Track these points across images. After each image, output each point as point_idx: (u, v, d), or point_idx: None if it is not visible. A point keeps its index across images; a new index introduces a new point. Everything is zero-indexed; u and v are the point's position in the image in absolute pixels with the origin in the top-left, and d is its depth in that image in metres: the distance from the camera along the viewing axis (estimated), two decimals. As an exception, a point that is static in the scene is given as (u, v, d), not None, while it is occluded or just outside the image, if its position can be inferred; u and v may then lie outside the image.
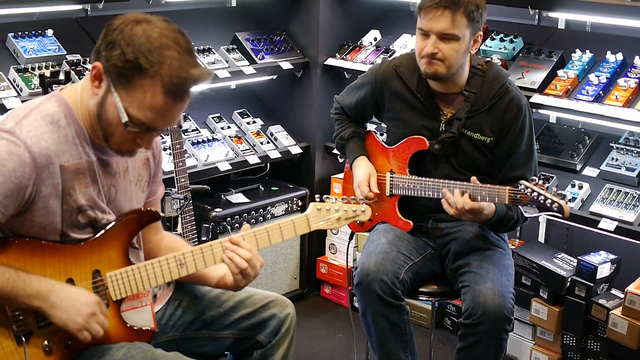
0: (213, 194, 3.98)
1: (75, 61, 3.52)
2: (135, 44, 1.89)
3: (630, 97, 3.29)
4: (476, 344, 2.75)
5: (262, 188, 4.25)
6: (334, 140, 3.22)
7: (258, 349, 2.38)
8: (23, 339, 1.98)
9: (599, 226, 3.29)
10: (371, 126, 3.29)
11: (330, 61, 4.29)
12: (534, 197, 2.59)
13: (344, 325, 4.12)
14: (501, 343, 2.76)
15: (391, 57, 3.83)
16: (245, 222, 3.88)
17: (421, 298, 2.99)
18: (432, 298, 3.00)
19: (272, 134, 4.30)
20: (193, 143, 3.89)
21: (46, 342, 2.02)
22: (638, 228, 3.22)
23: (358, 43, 4.30)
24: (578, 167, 3.55)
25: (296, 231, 2.28)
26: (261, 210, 4.07)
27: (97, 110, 1.98)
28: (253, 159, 4.06)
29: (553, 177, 3.52)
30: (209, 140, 3.96)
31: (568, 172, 3.55)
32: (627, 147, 3.46)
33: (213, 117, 4.14)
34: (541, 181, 2.62)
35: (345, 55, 4.26)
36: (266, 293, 2.42)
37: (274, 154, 4.18)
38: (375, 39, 4.31)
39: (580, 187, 3.42)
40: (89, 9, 3.87)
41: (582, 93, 3.39)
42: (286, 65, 4.21)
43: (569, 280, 3.46)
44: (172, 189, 3.34)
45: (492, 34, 3.80)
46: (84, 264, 2.07)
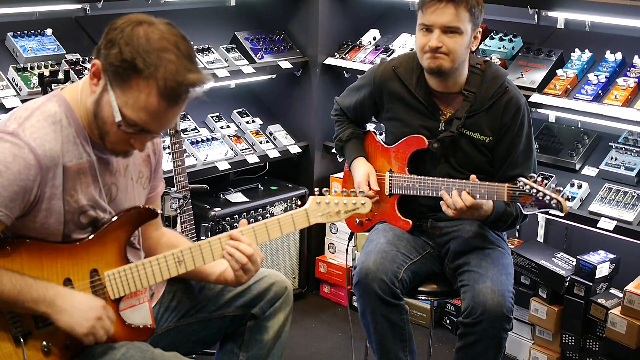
0: (212, 193, 3.98)
1: (74, 60, 3.52)
2: (133, 44, 1.89)
3: (629, 97, 3.29)
4: (475, 343, 2.75)
5: (262, 187, 4.25)
6: (334, 141, 3.22)
7: (251, 320, 2.35)
8: (21, 340, 1.98)
9: (598, 225, 3.29)
10: (370, 126, 3.29)
11: (329, 60, 4.29)
12: (533, 194, 2.59)
13: (343, 324, 4.11)
14: (500, 342, 2.76)
15: (390, 57, 3.84)
16: (242, 218, 3.88)
17: (420, 297, 2.98)
18: (432, 297, 3.00)
19: (272, 134, 4.29)
20: (192, 142, 3.88)
21: (44, 343, 2.02)
22: (637, 227, 3.22)
23: (357, 42, 4.29)
24: (577, 167, 3.55)
25: (295, 225, 2.25)
26: (260, 209, 4.07)
27: (94, 108, 1.99)
28: (252, 159, 4.06)
29: (552, 177, 3.51)
30: (208, 139, 3.96)
31: (567, 172, 3.55)
32: (626, 147, 3.46)
33: (212, 117, 4.14)
34: (540, 178, 2.63)
35: (344, 54, 4.25)
36: (261, 269, 2.34)
37: (273, 154, 4.18)
38: (374, 39, 4.30)
39: (579, 187, 3.42)
40: (88, 8, 3.87)
41: (582, 92, 3.39)
42: (285, 64, 4.21)
43: (568, 279, 3.46)
44: (172, 188, 3.33)
45: (492, 34, 3.79)
46: (82, 264, 2.07)
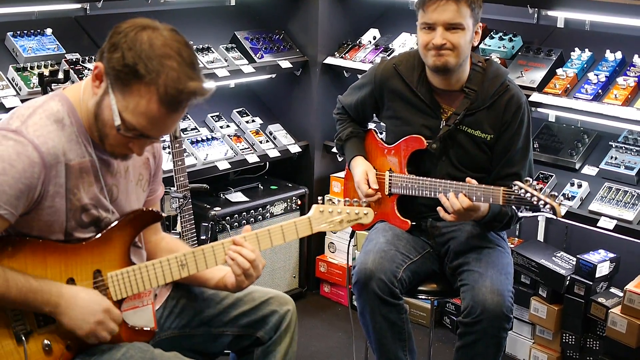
0: (212, 193, 3.98)
1: (74, 60, 3.52)
2: (136, 50, 1.89)
3: (629, 96, 3.29)
4: (475, 343, 2.75)
5: (262, 187, 4.25)
6: (334, 140, 3.23)
7: (259, 346, 2.37)
8: (23, 338, 1.98)
9: (598, 225, 3.29)
10: (371, 125, 3.29)
11: (329, 60, 4.29)
12: (527, 199, 2.60)
13: (344, 324, 4.12)
14: (500, 341, 2.76)
15: (390, 56, 3.83)
16: (245, 223, 3.89)
17: (420, 297, 2.99)
18: (431, 297, 3.01)
19: (272, 133, 4.29)
20: (192, 142, 3.89)
21: (46, 342, 2.02)
22: (637, 227, 3.22)
23: (357, 42, 4.29)
24: (577, 166, 3.55)
25: (298, 233, 2.27)
26: (260, 209, 4.07)
27: (95, 110, 1.99)
28: (252, 158, 4.06)
29: (552, 176, 3.52)
30: (208, 139, 3.96)
31: (567, 171, 3.56)
32: (626, 146, 3.46)
33: (212, 116, 4.14)
34: (535, 182, 2.63)
35: (344, 54, 4.25)
36: (265, 290, 2.41)
37: (273, 153, 4.18)
38: (374, 38, 4.30)
39: (579, 186, 3.42)
40: (88, 8, 3.87)
41: (581, 92, 3.39)
42: (285, 64, 4.21)
43: (568, 278, 3.47)
44: (171, 188, 3.33)
45: (491, 33, 3.79)
46: (85, 264, 2.07)
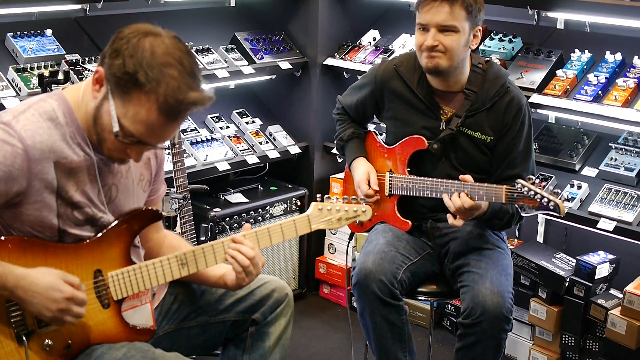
0: (212, 194, 3.98)
1: (74, 61, 3.52)
2: (137, 57, 1.89)
3: (629, 97, 3.29)
4: (475, 344, 2.75)
5: (261, 188, 4.25)
6: (335, 140, 3.23)
7: (253, 325, 2.36)
8: (24, 339, 1.98)
9: (598, 226, 3.29)
10: (371, 126, 3.29)
11: (329, 61, 4.29)
12: (531, 196, 2.60)
13: (343, 325, 4.11)
14: (500, 343, 2.76)
15: (390, 57, 3.84)
16: (244, 223, 3.88)
17: (420, 298, 2.99)
18: (431, 298, 3.00)
19: (271, 134, 4.29)
20: (192, 143, 3.88)
21: (47, 342, 2.01)
22: (637, 228, 3.22)
23: (357, 43, 4.29)
24: (577, 167, 3.55)
25: (297, 231, 2.28)
26: (260, 210, 4.07)
27: (94, 113, 1.99)
28: (252, 159, 4.06)
29: (552, 177, 3.52)
30: (208, 140, 3.96)
31: (567, 172, 3.56)
32: (626, 147, 3.47)
33: (212, 117, 4.14)
34: (538, 180, 2.63)
35: (344, 55, 4.25)
36: (261, 276, 2.37)
37: (273, 154, 4.18)
38: (374, 39, 4.31)
39: (579, 187, 3.42)
40: (88, 9, 3.86)
41: (581, 93, 3.39)
42: (285, 65, 4.21)
43: (568, 280, 3.47)
44: (171, 189, 3.33)
45: (491, 34, 3.80)
46: (86, 264, 2.07)
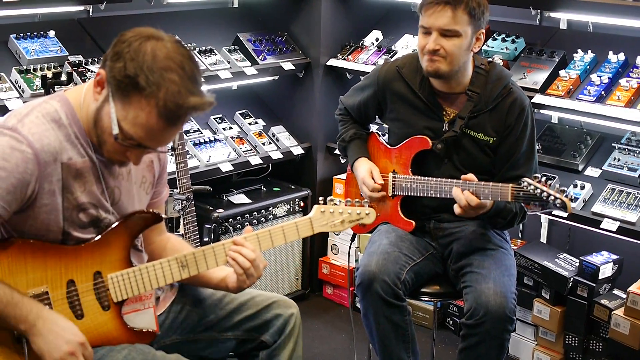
0: (215, 195, 3.98)
1: (77, 62, 3.52)
2: (138, 61, 1.89)
3: (632, 97, 3.28)
4: (478, 344, 2.75)
5: (264, 189, 4.25)
6: (337, 141, 3.23)
7: (263, 350, 2.36)
8: (24, 341, 1.98)
9: (601, 226, 3.29)
10: (373, 127, 3.29)
11: (332, 62, 4.29)
12: (537, 194, 2.59)
13: (346, 325, 4.11)
14: (503, 343, 2.76)
15: (393, 58, 3.83)
16: (247, 224, 3.88)
17: (423, 298, 2.99)
18: (434, 298, 3.00)
19: (274, 135, 4.29)
20: (195, 144, 3.89)
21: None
22: (640, 228, 3.22)
23: (360, 44, 4.29)
24: (580, 168, 3.55)
25: (299, 234, 2.26)
26: (263, 210, 4.07)
27: (95, 115, 2.00)
28: (255, 160, 4.06)
29: (555, 177, 3.51)
30: (211, 141, 3.96)
31: (570, 173, 3.55)
32: (629, 147, 3.46)
33: (215, 118, 4.14)
34: (544, 179, 2.62)
35: (347, 55, 4.25)
36: (269, 294, 2.41)
37: (276, 155, 4.18)
38: (376, 40, 4.30)
39: (582, 188, 3.42)
40: (91, 10, 3.87)
41: (584, 93, 3.39)
42: (288, 65, 4.21)
43: (571, 280, 3.46)
44: (174, 190, 3.33)
45: (494, 34, 3.79)
46: (85, 265, 2.07)
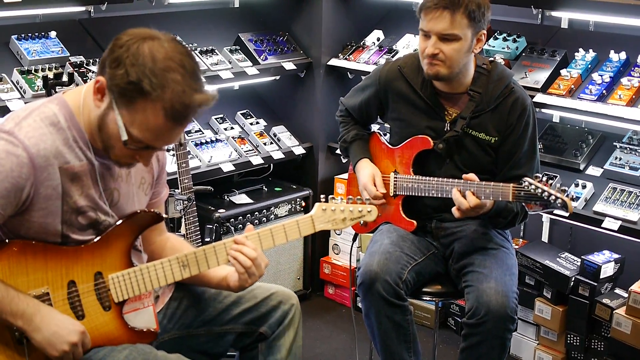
0: (216, 195, 3.98)
1: (78, 63, 3.52)
2: (139, 65, 1.88)
3: (633, 96, 3.28)
4: (480, 344, 2.75)
5: (266, 189, 4.25)
6: (338, 142, 3.22)
7: (263, 342, 2.36)
8: (24, 342, 1.98)
9: (603, 225, 3.29)
10: (374, 127, 3.29)
11: (333, 62, 4.29)
12: (538, 194, 2.58)
13: (348, 325, 4.11)
14: (505, 343, 2.76)
15: (395, 58, 3.83)
16: (248, 223, 3.88)
17: (425, 298, 2.99)
18: (436, 298, 3.00)
19: (276, 135, 4.29)
20: (196, 144, 3.89)
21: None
22: (642, 227, 3.22)
23: (361, 43, 4.29)
24: (581, 167, 3.54)
25: (301, 232, 2.26)
26: (265, 211, 4.07)
27: (99, 122, 1.99)
28: (256, 160, 4.06)
29: (557, 177, 3.51)
30: (212, 141, 3.96)
31: (571, 172, 3.55)
32: (631, 146, 3.46)
33: (216, 118, 4.14)
34: (545, 178, 2.62)
35: (348, 55, 4.25)
36: (268, 285, 2.40)
37: (277, 155, 4.18)
38: (378, 39, 4.30)
39: (583, 187, 3.41)
40: (92, 11, 3.87)
41: (586, 92, 3.39)
42: (289, 65, 4.21)
43: (573, 279, 3.46)
44: (176, 190, 3.33)
45: (495, 34, 3.79)
46: (86, 266, 2.07)
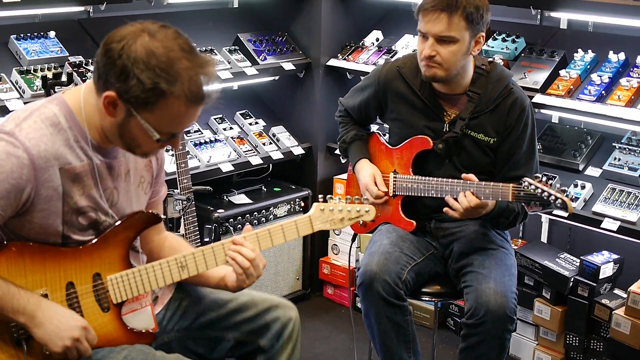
0: (215, 195, 3.98)
1: (77, 63, 3.52)
2: (149, 68, 1.87)
3: (632, 97, 3.28)
4: (479, 344, 2.75)
5: (265, 189, 4.24)
6: (338, 143, 3.22)
7: (261, 354, 2.35)
8: (23, 343, 1.98)
9: (602, 226, 3.29)
10: (374, 127, 3.29)
11: (332, 62, 4.29)
12: (538, 194, 2.58)
13: (347, 325, 4.11)
14: (504, 343, 2.76)
15: (393, 58, 3.83)
16: (247, 223, 3.88)
17: (424, 298, 2.99)
18: (435, 298, 3.00)
19: (275, 135, 4.29)
20: (195, 144, 3.89)
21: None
22: (641, 228, 3.22)
23: (360, 44, 4.29)
24: (580, 167, 3.54)
25: (299, 232, 2.26)
26: (264, 211, 4.07)
27: (117, 130, 1.99)
28: (255, 160, 4.06)
29: (556, 177, 3.51)
30: (212, 141, 3.96)
31: (570, 172, 3.55)
32: (630, 147, 3.46)
33: (215, 118, 4.14)
34: (545, 179, 2.62)
35: (347, 55, 4.25)
36: (269, 297, 2.39)
37: (276, 155, 4.18)
38: (377, 40, 4.30)
39: (582, 187, 3.42)
40: (91, 11, 3.86)
41: (585, 93, 3.39)
42: (288, 66, 4.21)
43: (572, 280, 3.46)
44: (175, 190, 3.33)
45: (494, 34, 3.79)
46: (85, 267, 2.07)
